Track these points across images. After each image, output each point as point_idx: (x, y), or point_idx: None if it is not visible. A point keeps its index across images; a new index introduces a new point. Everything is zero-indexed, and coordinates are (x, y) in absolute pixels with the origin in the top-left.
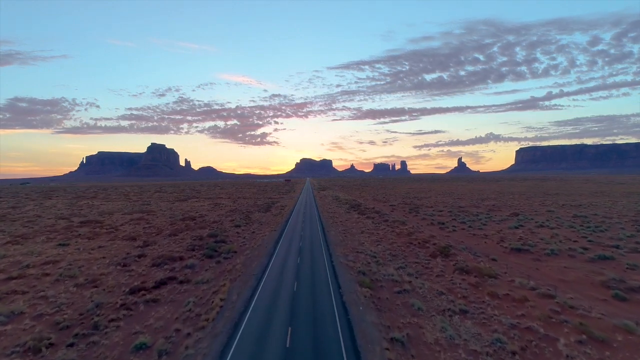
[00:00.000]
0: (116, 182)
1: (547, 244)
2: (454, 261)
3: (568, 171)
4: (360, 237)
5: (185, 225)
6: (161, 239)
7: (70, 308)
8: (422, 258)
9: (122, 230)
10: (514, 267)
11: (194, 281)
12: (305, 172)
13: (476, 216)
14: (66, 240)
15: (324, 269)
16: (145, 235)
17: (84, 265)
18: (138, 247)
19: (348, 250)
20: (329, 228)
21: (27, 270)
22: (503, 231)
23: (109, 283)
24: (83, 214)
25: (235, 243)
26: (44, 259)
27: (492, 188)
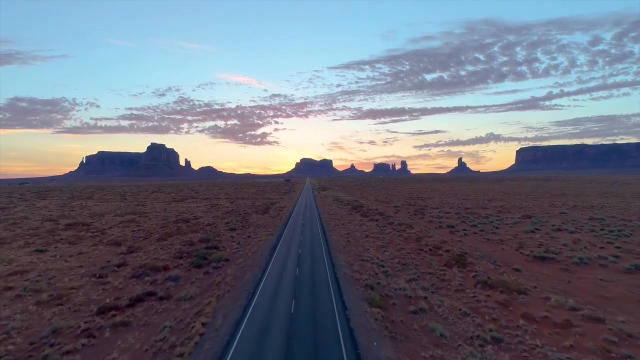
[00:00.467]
0: (116, 182)
1: (572, 250)
2: (473, 272)
3: (568, 171)
4: (364, 242)
5: (176, 229)
6: (148, 244)
7: (21, 334)
8: (436, 268)
9: (109, 234)
10: (542, 279)
11: (175, 297)
12: (305, 172)
13: (486, 218)
14: (45, 245)
15: (327, 283)
16: (133, 239)
17: (55, 277)
18: (121, 253)
19: (352, 258)
20: (330, 232)
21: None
22: (519, 236)
23: (77, 300)
24: (72, 216)
25: (228, 249)
26: (13, 269)
27: (495, 188)
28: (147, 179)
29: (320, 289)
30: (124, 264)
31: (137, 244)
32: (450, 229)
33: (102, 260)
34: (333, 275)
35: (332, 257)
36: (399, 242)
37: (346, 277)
